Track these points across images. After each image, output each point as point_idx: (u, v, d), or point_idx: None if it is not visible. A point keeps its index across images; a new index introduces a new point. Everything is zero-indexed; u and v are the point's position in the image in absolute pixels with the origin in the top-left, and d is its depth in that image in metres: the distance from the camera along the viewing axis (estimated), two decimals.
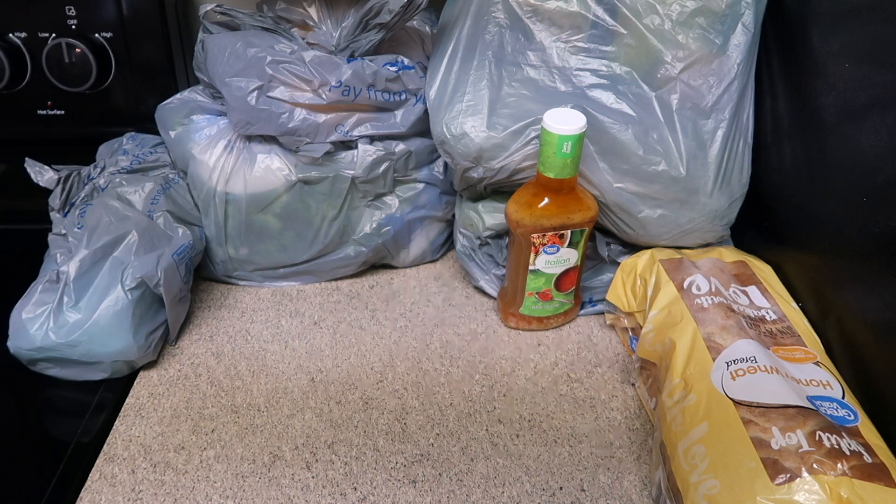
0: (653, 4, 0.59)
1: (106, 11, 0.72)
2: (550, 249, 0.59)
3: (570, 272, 0.62)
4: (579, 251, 0.60)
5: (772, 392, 0.44)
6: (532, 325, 0.65)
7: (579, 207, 0.58)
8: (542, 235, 0.58)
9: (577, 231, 0.59)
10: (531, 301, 0.63)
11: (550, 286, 0.62)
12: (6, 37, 0.73)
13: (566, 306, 0.65)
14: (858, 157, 0.49)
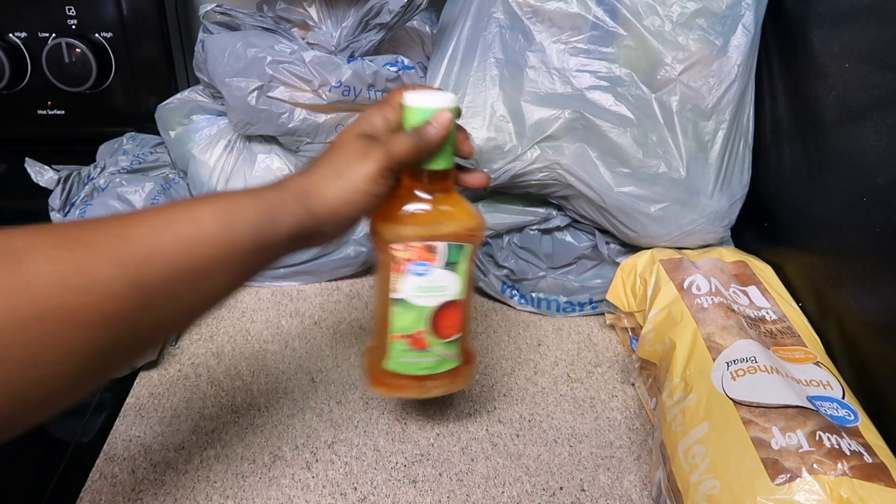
0: (653, 6, 0.59)
1: (106, 11, 0.72)
2: (418, 268, 0.45)
3: (451, 308, 0.47)
4: (461, 278, 0.46)
5: (772, 392, 0.44)
6: (406, 389, 0.49)
7: (455, 215, 0.45)
8: (406, 247, 0.44)
9: (454, 247, 0.45)
10: (400, 349, 0.47)
11: (424, 326, 0.46)
12: (6, 37, 0.73)
13: (451, 363, 0.49)
14: (858, 157, 0.49)
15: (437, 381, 0.49)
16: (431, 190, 0.45)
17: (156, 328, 0.35)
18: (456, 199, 0.46)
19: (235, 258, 0.37)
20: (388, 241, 0.44)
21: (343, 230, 0.43)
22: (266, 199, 0.39)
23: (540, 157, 0.60)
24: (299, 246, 0.42)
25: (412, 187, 0.45)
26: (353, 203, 0.41)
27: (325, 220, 0.40)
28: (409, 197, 0.45)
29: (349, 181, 0.41)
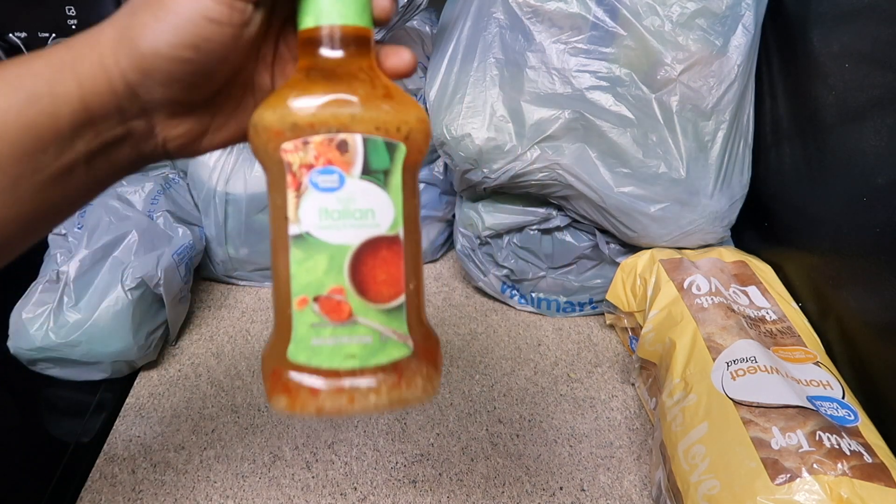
0: (653, 6, 0.59)
1: (106, 11, 0.72)
2: (324, 178, 0.29)
3: (385, 250, 0.30)
4: (395, 200, 0.30)
5: (772, 392, 0.44)
6: (321, 396, 0.29)
7: (377, 96, 0.30)
8: (302, 145, 0.29)
9: (376, 145, 0.29)
10: (307, 322, 0.29)
11: (344, 280, 0.29)
12: (6, 37, 0.73)
13: (396, 348, 0.30)
14: (858, 157, 0.49)
15: (372, 381, 0.29)
16: (340, 64, 0.31)
17: None
18: (380, 79, 0.31)
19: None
20: (275, 135, 0.29)
21: (186, 92, 0.28)
22: (55, 55, 0.27)
23: (540, 157, 0.60)
24: (119, 133, 0.28)
25: (310, 62, 0.31)
26: (191, 35, 0.26)
27: (155, 68, 0.27)
28: (307, 75, 0.30)
29: (189, 2, 0.26)
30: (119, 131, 0.28)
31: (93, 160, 0.28)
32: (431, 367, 0.31)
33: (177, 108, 0.29)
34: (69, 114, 0.26)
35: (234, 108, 0.32)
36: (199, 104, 0.30)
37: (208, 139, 0.32)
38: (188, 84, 0.28)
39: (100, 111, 0.27)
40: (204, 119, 0.31)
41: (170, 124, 0.30)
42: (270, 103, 0.30)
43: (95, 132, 0.28)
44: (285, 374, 0.30)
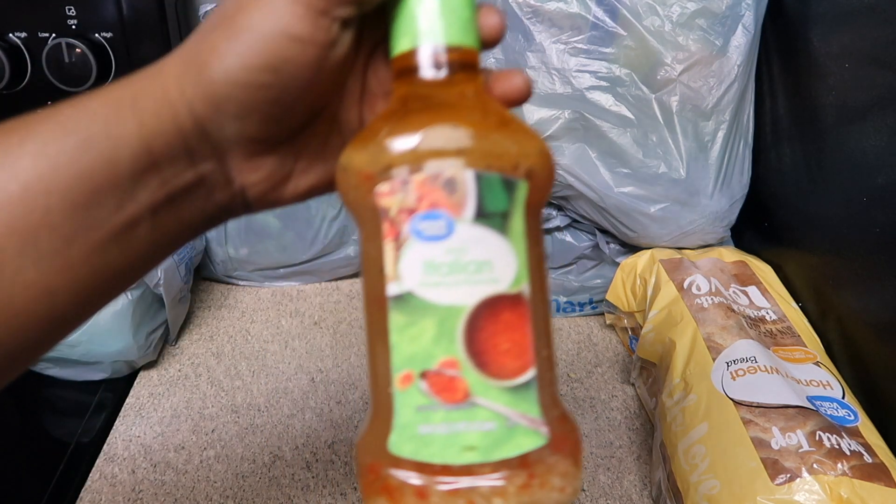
0: (653, 6, 0.59)
1: (106, 11, 0.72)
2: (429, 225, 0.24)
3: (507, 310, 0.24)
4: (517, 248, 0.24)
5: (772, 392, 0.44)
6: (432, 497, 0.23)
7: (490, 125, 0.25)
8: (402, 184, 0.24)
9: (492, 182, 0.24)
10: (412, 405, 0.24)
11: (455, 350, 0.24)
12: (6, 37, 0.73)
13: (527, 436, 0.24)
14: (858, 157, 0.49)
15: (497, 480, 0.23)
16: (443, 90, 0.26)
17: None
18: (492, 105, 0.26)
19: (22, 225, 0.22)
20: (368, 176, 0.24)
21: (264, 127, 0.24)
22: (114, 91, 0.24)
23: None
24: (189, 180, 0.24)
25: (407, 90, 0.26)
26: (269, 56, 0.23)
27: (227, 97, 0.23)
28: (404, 104, 0.26)
29: (266, 19, 0.22)
30: (188, 177, 0.24)
31: (158, 214, 0.24)
32: (570, 460, 0.24)
33: (254, 148, 0.25)
34: (129, 157, 0.23)
35: (321, 148, 0.28)
36: (279, 142, 0.26)
37: (293, 185, 0.27)
38: (266, 116, 0.24)
39: (164, 153, 0.23)
40: (286, 161, 0.27)
41: (247, 167, 0.26)
42: (361, 139, 0.25)
43: (161, 180, 0.24)
44: (385, 470, 0.24)
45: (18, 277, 0.22)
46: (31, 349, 0.24)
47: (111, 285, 0.24)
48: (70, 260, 0.22)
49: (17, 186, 0.21)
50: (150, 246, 0.25)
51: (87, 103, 0.23)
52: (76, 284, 0.23)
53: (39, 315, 0.23)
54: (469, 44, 0.26)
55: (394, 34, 0.26)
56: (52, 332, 0.24)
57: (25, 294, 0.22)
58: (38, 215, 0.22)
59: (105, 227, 0.23)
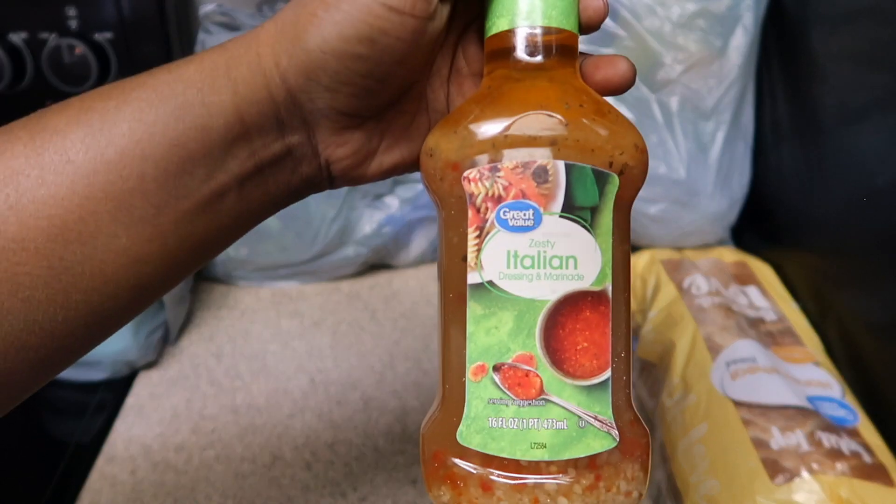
0: (653, 7, 0.59)
1: (106, 11, 0.72)
2: (516, 216, 0.24)
3: (588, 310, 0.24)
4: (605, 246, 0.24)
5: (772, 392, 0.44)
6: (494, 496, 0.24)
7: (583, 115, 0.24)
8: (490, 172, 0.24)
9: (584, 174, 0.24)
10: (484, 397, 0.24)
11: (533, 345, 0.24)
12: (6, 37, 0.73)
13: (598, 438, 0.24)
14: (858, 157, 0.49)
15: (564, 479, 0.23)
16: (538, 75, 0.25)
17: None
18: (590, 94, 0.25)
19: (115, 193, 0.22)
20: (455, 161, 0.24)
21: (354, 101, 0.24)
22: (208, 58, 0.24)
23: None
24: (277, 151, 0.24)
25: (501, 73, 0.25)
26: (367, 26, 0.22)
27: (322, 67, 0.23)
28: (497, 88, 0.25)
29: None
30: (277, 148, 0.25)
31: (245, 185, 0.24)
32: (638, 465, 0.24)
33: (343, 122, 0.25)
34: (222, 126, 0.23)
35: (407, 126, 0.28)
36: (367, 117, 0.26)
37: (377, 163, 0.27)
38: (358, 89, 0.24)
39: (256, 123, 0.23)
40: (373, 137, 0.27)
41: (334, 142, 0.26)
42: (449, 122, 0.25)
43: (250, 150, 0.24)
44: (451, 459, 0.24)
45: (112, 244, 0.22)
46: (118, 317, 0.24)
47: (195, 256, 0.25)
48: (160, 228, 0.23)
49: (115, 152, 0.22)
50: (235, 217, 0.25)
51: (182, 70, 0.23)
52: (163, 253, 0.23)
53: (129, 282, 0.23)
54: (569, 27, 0.25)
55: (491, 12, 0.25)
56: (139, 300, 0.24)
57: (117, 261, 0.22)
58: (132, 182, 0.22)
59: (195, 196, 0.23)
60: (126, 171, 0.22)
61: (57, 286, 0.21)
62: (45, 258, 0.21)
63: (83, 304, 0.22)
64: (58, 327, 0.22)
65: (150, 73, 0.24)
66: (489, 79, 0.26)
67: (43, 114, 0.23)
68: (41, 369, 0.23)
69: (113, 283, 0.23)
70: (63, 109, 0.23)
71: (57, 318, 0.22)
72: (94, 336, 0.24)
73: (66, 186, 0.21)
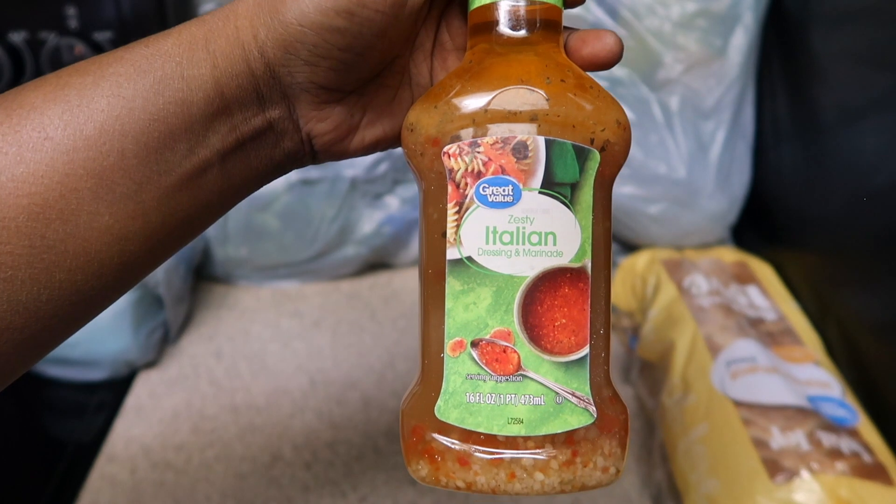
0: (653, 6, 0.59)
1: (106, 11, 0.72)
2: (495, 191, 0.24)
3: (567, 286, 0.24)
4: (584, 222, 0.24)
5: (772, 392, 0.44)
6: (473, 464, 0.24)
7: (565, 90, 0.24)
8: (469, 147, 0.24)
9: (563, 149, 0.23)
10: (462, 373, 0.24)
11: (513, 321, 0.24)
12: (6, 36, 0.73)
13: (574, 414, 0.24)
14: (858, 157, 0.49)
15: (540, 454, 0.24)
16: (521, 49, 0.25)
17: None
18: (572, 69, 0.25)
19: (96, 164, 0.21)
20: (436, 136, 0.24)
21: (334, 75, 0.24)
22: (186, 31, 0.23)
23: None
24: (258, 125, 0.24)
25: (483, 47, 0.25)
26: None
27: (300, 40, 0.23)
28: (479, 62, 0.25)
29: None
30: (257, 123, 0.24)
31: (228, 159, 0.24)
32: (616, 441, 0.24)
33: (323, 96, 0.25)
34: (202, 100, 0.22)
35: (389, 101, 0.27)
36: (348, 92, 0.25)
37: (359, 137, 0.27)
38: (338, 62, 0.23)
39: (236, 97, 0.23)
40: (355, 112, 0.26)
41: (315, 116, 0.25)
42: (430, 97, 0.25)
43: (231, 124, 0.24)
44: (430, 434, 0.24)
45: (94, 222, 0.22)
46: (103, 296, 0.24)
47: (180, 232, 0.24)
48: (142, 205, 0.22)
49: (94, 128, 0.21)
50: (219, 193, 0.25)
51: (160, 43, 0.23)
52: (147, 230, 0.23)
53: (113, 261, 0.23)
54: (552, 0, 0.25)
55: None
56: (124, 278, 0.24)
57: (100, 239, 0.22)
58: (113, 158, 0.22)
59: (177, 171, 0.23)
60: (106, 147, 0.21)
61: (39, 265, 0.21)
62: (26, 237, 0.21)
63: (67, 284, 0.22)
64: (42, 307, 0.22)
65: (127, 47, 0.23)
66: (471, 53, 0.25)
67: (19, 91, 0.22)
68: (27, 350, 0.23)
69: (97, 262, 0.22)
70: (39, 86, 0.22)
71: (41, 297, 0.22)
72: (79, 316, 0.24)
73: (46, 164, 0.21)
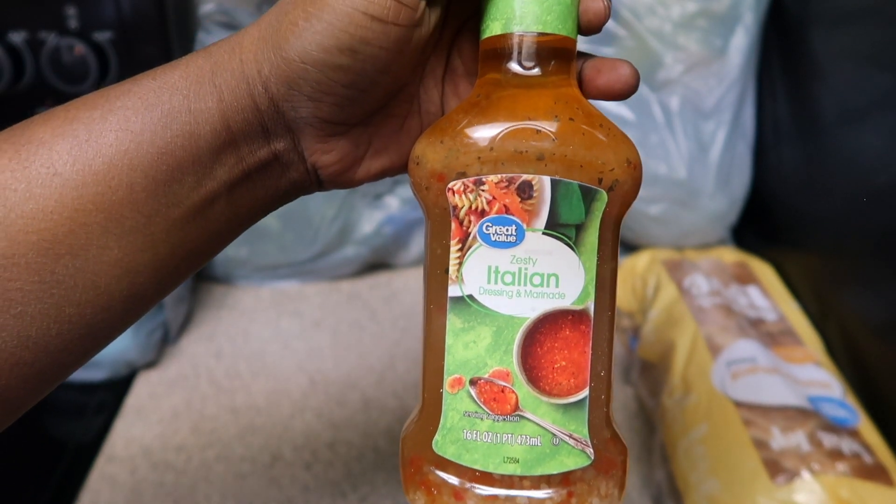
0: (653, 6, 0.59)
1: (106, 11, 0.72)
2: (499, 231, 0.23)
3: (568, 328, 0.24)
4: (588, 264, 0.24)
5: (772, 392, 0.44)
6: (463, 500, 0.24)
7: (574, 130, 0.23)
8: (474, 185, 0.23)
9: (569, 191, 0.23)
10: (460, 410, 0.24)
11: (510, 362, 0.24)
12: (6, 36, 0.73)
13: (571, 455, 0.24)
14: (858, 157, 0.49)
15: (536, 494, 0.24)
16: (532, 84, 0.24)
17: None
18: (583, 106, 0.24)
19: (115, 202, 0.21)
20: (441, 171, 0.24)
21: (338, 110, 0.24)
22: (192, 63, 0.23)
23: None
24: (263, 157, 0.24)
25: (493, 79, 0.25)
26: (348, 36, 0.22)
27: (302, 78, 0.22)
28: (487, 96, 0.24)
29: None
30: (263, 155, 0.24)
31: (235, 190, 0.24)
32: (613, 482, 0.24)
33: (328, 129, 0.25)
34: (209, 133, 0.23)
35: (396, 130, 0.27)
36: (353, 124, 0.25)
37: (364, 167, 0.27)
38: (341, 98, 0.23)
39: (242, 130, 0.23)
40: (360, 143, 0.26)
41: (320, 149, 0.25)
42: (437, 130, 0.24)
43: (238, 156, 0.24)
44: (427, 467, 0.25)
45: (103, 256, 0.22)
46: (112, 328, 0.24)
47: (188, 263, 0.24)
48: (151, 238, 0.22)
49: (102, 163, 0.22)
50: (226, 223, 0.25)
51: (167, 76, 0.23)
52: (156, 262, 0.23)
53: (122, 293, 0.23)
54: (565, 32, 0.24)
55: (486, 14, 0.24)
56: (132, 310, 0.24)
57: (109, 273, 0.22)
58: (122, 192, 0.22)
59: (185, 203, 0.23)
60: (115, 181, 0.22)
61: (49, 300, 0.21)
62: (36, 273, 0.21)
63: (76, 318, 0.22)
64: (52, 342, 0.22)
65: (135, 79, 0.23)
66: (480, 84, 0.25)
67: (27, 125, 0.23)
68: (37, 384, 0.23)
69: (106, 295, 0.22)
70: (47, 120, 0.22)
71: (51, 332, 0.22)
72: (88, 349, 0.24)
73: (55, 199, 0.21)
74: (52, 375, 0.23)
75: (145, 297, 0.24)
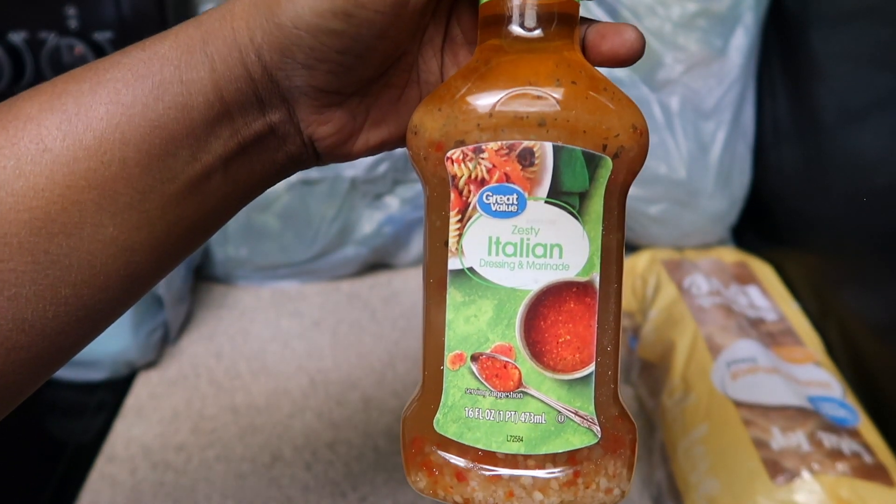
0: (653, 6, 0.59)
1: (106, 11, 0.72)
2: (499, 200, 0.23)
3: (572, 301, 0.23)
4: (593, 234, 0.23)
5: (772, 392, 0.44)
6: (470, 479, 0.23)
7: (578, 94, 0.22)
8: (473, 153, 0.22)
9: (572, 156, 0.22)
10: (462, 387, 0.24)
11: (512, 336, 0.23)
12: (6, 36, 0.73)
13: (577, 433, 0.23)
14: (858, 158, 0.49)
15: (540, 474, 0.23)
16: (533, 48, 0.23)
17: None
18: (587, 69, 0.23)
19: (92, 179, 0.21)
20: (439, 140, 0.23)
21: (333, 78, 0.23)
22: (183, 33, 0.22)
23: None
24: (259, 129, 0.23)
25: (493, 44, 0.24)
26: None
27: (296, 44, 0.22)
28: (487, 62, 0.23)
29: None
30: (259, 127, 0.23)
31: (231, 164, 0.23)
32: (621, 462, 0.23)
33: (323, 99, 0.24)
34: (203, 105, 0.22)
35: (394, 101, 0.26)
36: (350, 94, 0.24)
37: (363, 139, 0.26)
38: (336, 65, 0.22)
39: (236, 101, 0.22)
40: (357, 114, 0.25)
41: (316, 120, 0.24)
42: (435, 99, 0.23)
43: (232, 129, 0.23)
44: (429, 447, 0.24)
45: (98, 234, 0.21)
46: (110, 310, 0.23)
47: (185, 241, 0.24)
48: (147, 214, 0.22)
49: (93, 137, 0.21)
50: (223, 199, 0.24)
51: (157, 46, 0.22)
52: (153, 240, 0.22)
53: (119, 273, 0.22)
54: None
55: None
56: (130, 290, 0.23)
57: (105, 251, 0.21)
58: (115, 168, 0.21)
59: (180, 178, 0.22)
60: (107, 156, 0.21)
61: (44, 281, 0.21)
62: (29, 253, 0.20)
63: (73, 299, 0.21)
64: (48, 324, 0.21)
65: (124, 51, 0.22)
66: (480, 50, 0.24)
67: (14, 102, 0.22)
68: (34, 370, 0.22)
69: (102, 275, 0.22)
70: (35, 95, 0.22)
71: (47, 314, 0.21)
72: (86, 332, 0.23)
73: (46, 176, 0.20)
74: (50, 360, 0.23)
75: (143, 277, 0.23)
